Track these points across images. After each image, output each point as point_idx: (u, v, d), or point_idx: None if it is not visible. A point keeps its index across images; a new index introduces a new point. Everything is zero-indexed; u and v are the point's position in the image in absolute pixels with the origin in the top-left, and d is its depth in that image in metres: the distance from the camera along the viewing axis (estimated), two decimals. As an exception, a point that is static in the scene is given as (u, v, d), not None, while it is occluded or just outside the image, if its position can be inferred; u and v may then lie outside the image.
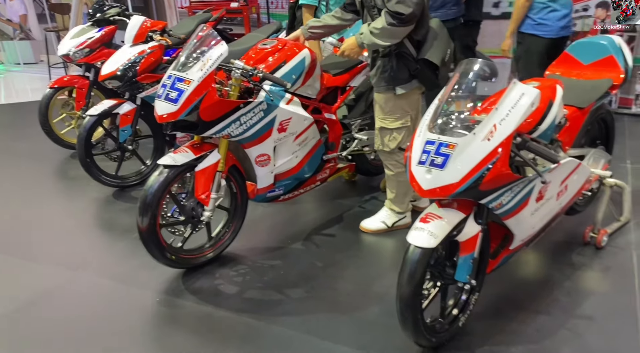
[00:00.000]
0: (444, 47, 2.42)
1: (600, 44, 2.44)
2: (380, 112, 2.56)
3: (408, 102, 2.50)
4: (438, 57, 2.37)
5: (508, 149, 1.68)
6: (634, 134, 4.16)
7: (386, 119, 2.55)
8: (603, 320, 2.05)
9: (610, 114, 2.67)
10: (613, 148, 2.84)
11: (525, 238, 2.03)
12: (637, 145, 3.89)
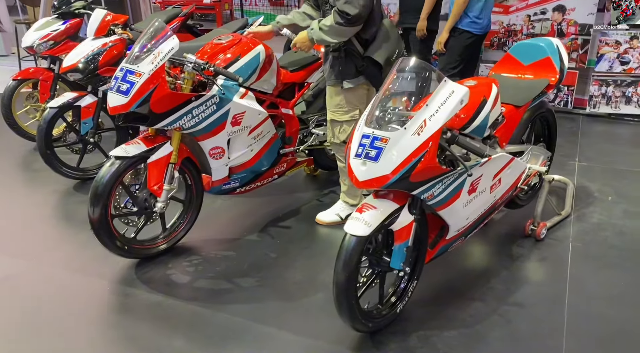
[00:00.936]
0: (391, 47, 2.52)
1: (538, 46, 2.57)
2: (331, 104, 2.65)
3: (355, 96, 2.59)
4: (383, 57, 2.47)
5: (436, 143, 1.77)
6: (586, 133, 4.33)
7: (336, 112, 2.64)
8: (533, 307, 2.17)
9: (552, 113, 2.80)
10: (555, 146, 2.98)
11: (460, 229, 2.14)
12: (588, 144, 4.05)
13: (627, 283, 2.30)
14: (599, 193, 3.19)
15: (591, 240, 2.67)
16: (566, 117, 4.76)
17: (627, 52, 4.52)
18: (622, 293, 2.24)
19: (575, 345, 1.94)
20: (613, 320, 2.08)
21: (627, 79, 4.58)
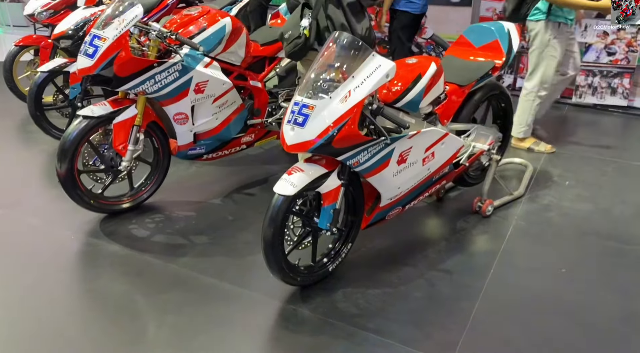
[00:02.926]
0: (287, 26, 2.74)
1: (489, 29, 2.65)
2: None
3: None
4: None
5: (359, 112, 1.91)
6: (567, 122, 4.38)
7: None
8: (459, 274, 2.30)
9: (506, 95, 2.89)
10: (511, 127, 3.06)
11: (393, 198, 2.28)
12: (566, 133, 4.11)
13: (551, 258, 2.42)
14: (559, 178, 3.28)
15: (535, 220, 2.78)
16: (553, 106, 4.78)
17: (613, 43, 4.52)
18: (543, 266, 2.36)
19: (485, 306, 2.08)
20: (527, 288, 2.20)
21: (613, 70, 4.59)
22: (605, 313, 2.07)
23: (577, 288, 2.21)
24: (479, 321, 2.01)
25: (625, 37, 4.46)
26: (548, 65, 3.48)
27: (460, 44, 2.74)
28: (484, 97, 2.73)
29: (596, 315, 2.06)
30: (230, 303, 2.10)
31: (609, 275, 2.30)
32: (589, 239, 2.59)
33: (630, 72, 4.53)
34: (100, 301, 2.13)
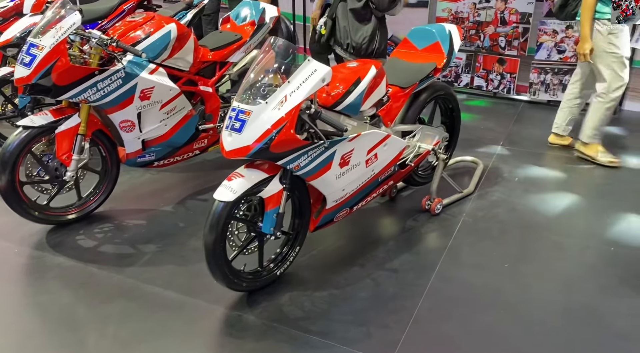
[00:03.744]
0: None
1: (430, 31, 2.70)
2: None
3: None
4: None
5: (295, 117, 1.92)
6: (521, 119, 4.48)
7: None
8: (405, 272, 2.34)
9: (452, 95, 2.94)
10: (459, 127, 3.13)
11: (338, 200, 2.30)
12: (519, 129, 4.20)
13: (496, 254, 2.48)
14: (509, 174, 3.36)
15: (483, 216, 2.84)
16: (508, 103, 4.91)
17: (563, 41, 4.66)
18: (487, 261, 2.42)
19: (428, 304, 2.12)
20: (470, 284, 2.26)
21: (564, 68, 4.72)
22: (544, 306, 2.13)
23: (518, 282, 2.28)
24: (421, 318, 2.04)
25: (573, 35, 4.60)
26: (615, 67, 3.28)
27: (404, 46, 2.78)
28: (429, 98, 2.78)
29: (536, 308, 2.12)
30: (174, 312, 2.09)
31: (550, 268, 2.37)
32: (533, 233, 2.67)
33: (580, 69, 4.66)
34: (41, 314, 2.09)
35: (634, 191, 3.13)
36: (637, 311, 2.07)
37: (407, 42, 2.78)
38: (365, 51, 3.25)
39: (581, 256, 2.45)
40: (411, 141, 2.69)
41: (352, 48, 3.26)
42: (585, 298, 2.16)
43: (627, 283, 2.23)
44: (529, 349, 1.91)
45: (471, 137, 3.98)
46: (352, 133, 2.22)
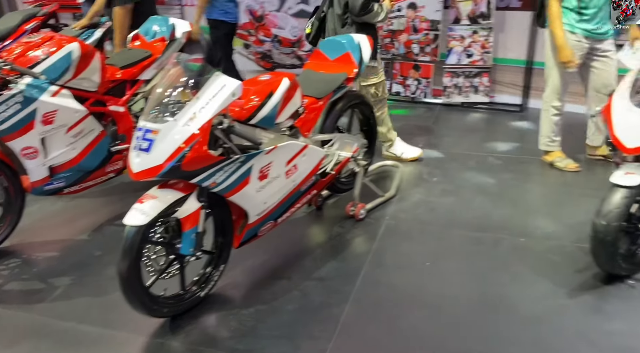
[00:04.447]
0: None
1: (340, 42, 2.78)
2: None
3: None
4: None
5: (207, 133, 1.88)
6: (439, 122, 4.68)
7: None
8: (331, 280, 2.36)
9: (367, 104, 3.03)
10: (376, 134, 3.22)
11: (261, 213, 2.28)
12: (437, 132, 4.39)
13: (417, 253, 2.57)
14: (428, 175, 3.49)
15: (404, 218, 2.94)
16: (426, 107, 5.12)
17: (470, 46, 4.95)
18: (410, 262, 2.50)
19: (354, 309, 2.15)
20: (393, 285, 2.32)
21: (473, 70, 5.01)
22: (464, 300, 2.22)
23: (439, 279, 2.36)
24: (348, 325, 2.06)
25: (479, 40, 4.90)
26: (553, 77, 3.31)
27: (317, 57, 2.83)
28: (345, 107, 2.84)
29: (456, 302, 2.21)
30: (89, 347, 1.97)
31: (469, 263, 2.49)
32: (452, 231, 2.79)
33: (488, 71, 4.97)
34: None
35: (541, 184, 3.37)
36: (545, 295, 2.21)
37: (319, 53, 2.83)
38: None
39: (495, 249, 2.60)
40: (330, 150, 2.73)
41: None
42: (499, 288, 2.28)
43: (536, 271, 2.38)
44: (451, 343, 1.98)
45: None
46: (269, 145, 2.21)
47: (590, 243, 2.18)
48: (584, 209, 2.69)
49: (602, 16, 3.13)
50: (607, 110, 2.20)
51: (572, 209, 2.90)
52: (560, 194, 3.17)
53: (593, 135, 3.52)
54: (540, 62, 4.72)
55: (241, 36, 5.56)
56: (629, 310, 2.08)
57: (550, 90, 3.39)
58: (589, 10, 3.08)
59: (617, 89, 2.23)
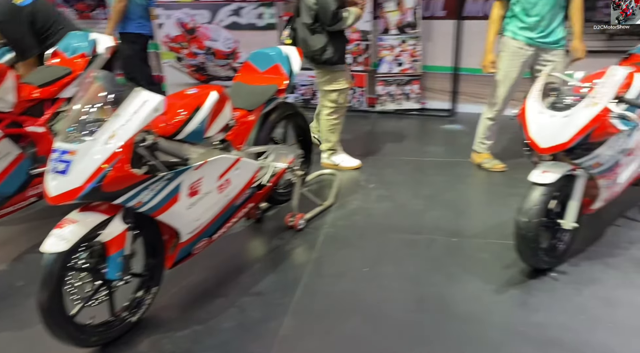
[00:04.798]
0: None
1: (269, 55, 2.79)
2: None
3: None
4: None
5: (129, 151, 1.81)
6: (375, 130, 4.78)
7: None
8: (270, 294, 2.33)
9: (301, 114, 3.05)
10: (312, 143, 3.24)
11: (193, 231, 2.22)
12: (373, 139, 4.49)
13: (356, 260, 2.60)
14: (365, 182, 3.55)
15: (343, 225, 2.96)
16: (362, 116, 5.22)
17: (400, 55, 5.11)
18: (348, 269, 2.52)
19: (293, 322, 2.14)
20: (332, 294, 2.33)
21: (404, 79, 5.18)
22: (402, 303, 2.27)
23: (377, 284, 2.40)
24: (286, 338, 2.05)
25: (408, 49, 5.07)
26: (495, 83, 3.35)
27: (247, 70, 2.82)
28: (279, 118, 2.84)
29: (393, 306, 2.25)
30: (9, 387, 1.83)
31: (404, 266, 2.54)
32: (388, 235, 2.84)
33: (418, 78, 5.15)
34: None
35: (471, 185, 3.52)
36: (476, 293, 2.30)
37: (249, 65, 2.82)
38: (319, 61, 3.37)
39: (429, 250, 2.67)
40: (265, 162, 2.71)
41: (309, 58, 3.37)
42: (434, 289, 2.34)
43: (467, 269, 2.47)
44: (390, 347, 2.01)
45: (329, 150, 4.15)
46: (199, 160, 2.16)
47: (514, 239, 2.29)
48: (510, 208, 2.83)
49: (549, 25, 3.10)
50: (522, 113, 2.34)
51: (499, 208, 3.04)
52: (488, 194, 3.32)
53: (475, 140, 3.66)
54: (465, 68, 4.97)
55: (173, 49, 5.45)
56: (552, 302, 2.20)
57: (491, 99, 3.44)
58: (530, 19, 3.09)
59: (530, 93, 2.37)
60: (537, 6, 3.05)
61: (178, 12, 5.30)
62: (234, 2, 5.18)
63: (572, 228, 2.36)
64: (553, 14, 3.09)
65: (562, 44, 3.19)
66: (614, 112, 2.20)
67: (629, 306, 2.15)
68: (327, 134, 3.67)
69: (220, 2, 5.20)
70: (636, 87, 2.38)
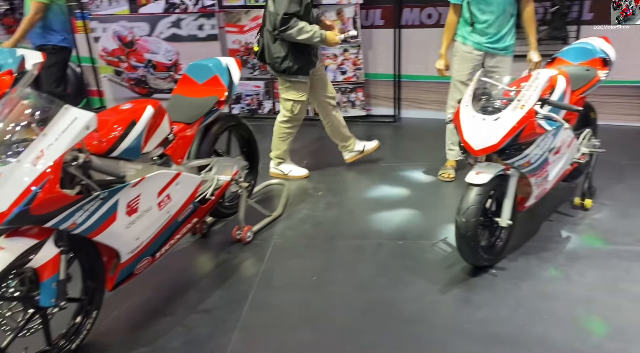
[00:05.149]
0: None
1: (207, 66, 2.75)
2: None
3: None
4: None
5: (58, 171, 1.74)
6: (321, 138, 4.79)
7: None
8: (218, 310, 2.29)
9: (244, 125, 3.03)
10: (257, 155, 3.23)
11: (134, 250, 2.15)
12: (319, 147, 4.51)
13: (304, 269, 2.60)
14: (313, 190, 3.57)
15: (291, 235, 2.96)
16: (309, 123, 5.23)
17: (343, 63, 5.19)
18: (297, 279, 2.52)
19: (242, 337, 2.11)
20: (281, 305, 2.32)
21: (349, 87, 5.26)
22: (350, 309, 2.28)
23: (325, 292, 2.41)
24: (236, 354, 2.02)
25: (350, 57, 5.16)
26: (450, 87, 3.48)
27: (185, 82, 2.77)
28: (221, 130, 2.80)
29: (342, 312, 2.26)
30: None
31: (352, 272, 2.57)
32: (337, 242, 2.86)
33: (362, 86, 5.25)
34: None
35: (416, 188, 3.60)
36: (421, 294, 2.35)
37: (187, 78, 2.77)
38: (278, 69, 3.36)
39: (376, 254, 2.71)
40: (208, 175, 2.67)
41: (270, 64, 3.41)
42: (380, 292, 2.38)
43: (413, 271, 2.53)
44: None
45: (276, 160, 4.15)
46: (136, 177, 2.10)
47: (455, 239, 2.37)
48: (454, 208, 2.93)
49: (498, 31, 3.19)
50: (457, 117, 2.43)
51: (443, 209, 3.14)
52: (434, 196, 3.42)
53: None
54: (406, 75, 5.12)
55: (111, 63, 5.29)
56: (493, 298, 2.29)
57: (449, 103, 3.52)
58: (479, 24, 3.19)
59: (463, 98, 2.47)
60: (486, 13, 3.17)
61: (115, 25, 5.17)
62: (173, 14, 5.10)
63: (508, 225, 2.47)
64: (502, 21, 3.19)
65: (511, 51, 3.33)
66: (539, 113, 2.33)
67: (563, 298, 2.27)
68: (277, 142, 3.68)
69: (159, 14, 5.11)
70: (559, 90, 2.54)
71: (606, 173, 3.41)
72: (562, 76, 2.59)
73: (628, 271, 2.41)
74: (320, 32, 3.27)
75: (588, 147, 3.00)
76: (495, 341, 2.04)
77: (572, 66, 2.96)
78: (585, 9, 4.26)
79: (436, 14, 4.76)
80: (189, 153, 2.60)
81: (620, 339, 2.00)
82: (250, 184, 3.12)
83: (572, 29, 4.30)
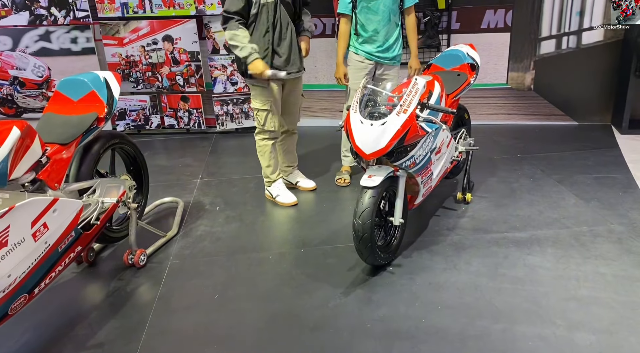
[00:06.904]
0: None
1: (82, 81, 2.54)
2: None
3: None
4: None
5: None
6: (216, 150, 4.70)
7: None
8: (111, 343, 2.12)
9: (129, 142, 2.85)
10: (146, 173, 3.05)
11: (5, 289, 1.90)
12: (215, 160, 4.40)
13: (205, 289, 2.51)
14: (210, 205, 3.46)
15: (189, 254, 2.84)
16: (202, 137, 5.10)
17: (233, 74, 5.13)
18: (198, 299, 2.42)
19: (141, 369, 1.97)
20: (182, 329, 2.21)
21: (241, 97, 5.21)
22: (253, 324, 2.24)
23: (228, 309, 2.34)
24: (135, 388, 1.87)
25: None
26: (346, 95, 3.59)
27: (57, 100, 2.53)
28: (103, 149, 2.61)
29: (246, 329, 2.21)
30: None
31: (254, 286, 2.52)
32: (238, 256, 2.80)
33: (254, 97, 5.23)
34: None
35: (317, 195, 3.66)
36: (325, 300, 2.38)
37: (60, 95, 2.54)
38: (240, 71, 3.19)
39: (279, 265, 2.70)
40: (91, 198, 2.47)
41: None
42: (284, 303, 2.37)
43: (315, 278, 2.56)
44: (248, 371, 1.97)
45: (170, 177, 3.98)
46: (4, 207, 1.87)
47: (354, 241, 2.45)
48: (351, 212, 3.02)
49: (385, 40, 3.35)
50: (347, 123, 2.52)
51: (342, 213, 3.22)
52: (329, 202, 3.50)
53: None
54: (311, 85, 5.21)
55: (-32, 80, 4.69)
56: (392, 295, 2.39)
57: (344, 112, 3.56)
58: (365, 34, 3.34)
59: (352, 104, 2.57)
60: (373, 22, 3.32)
61: (-31, 38, 4.60)
62: (40, 27, 4.67)
63: (401, 224, 2.61)
64: (389, 30, 3.35)
65: (398, 61, 3.53)
66: (420, 117, 2.50)
67: (453, 287, 2.44)
68: (259, 157, 3.44)
69: (24, 27, 4.64)
70: (436, 94, 2.75)
71: (482, 168, 3.76)
72: (437, 81, 2.81)
73: (506, 257, 2.67)
74: (250, 53, 2.96)
75: (464, 145, 3.29)
76: (396, 337, 2.12)
77: (445, 71, 3.24)
78: (453, 19, 4.70)
79: (321, 25, 4.92)
80: (67, 176, 2.39)
81: (505, 320, 2.19)
82: (140, 204, 2.94)
83: (443, 37, 4.71)
